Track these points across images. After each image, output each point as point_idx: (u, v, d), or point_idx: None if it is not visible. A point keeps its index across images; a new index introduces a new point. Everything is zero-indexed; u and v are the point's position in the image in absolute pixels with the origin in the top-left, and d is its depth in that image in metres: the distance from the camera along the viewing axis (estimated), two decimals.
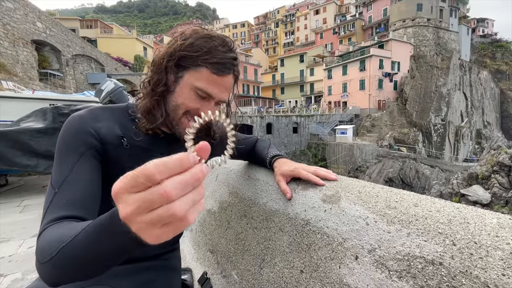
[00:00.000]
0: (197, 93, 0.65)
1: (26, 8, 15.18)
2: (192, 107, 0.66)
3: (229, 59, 0.66)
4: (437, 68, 31.17)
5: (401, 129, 27.69)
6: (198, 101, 0.66)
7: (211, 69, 0.64)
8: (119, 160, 0.67)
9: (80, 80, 20.23)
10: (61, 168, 0.59)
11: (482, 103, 36.21)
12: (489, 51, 44.82)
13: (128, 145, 0.69)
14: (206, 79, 0.65)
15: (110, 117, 0.70)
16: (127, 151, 0.68)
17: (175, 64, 0.65)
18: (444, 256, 0.45)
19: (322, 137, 27.37)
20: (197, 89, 0.65)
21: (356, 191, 0.70)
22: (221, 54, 0.65)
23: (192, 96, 0.66)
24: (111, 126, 0.67)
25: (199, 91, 0.65)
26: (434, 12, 35.32)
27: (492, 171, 13.79)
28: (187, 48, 0.64)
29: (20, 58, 14.30)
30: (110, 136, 0.66)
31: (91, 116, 0.66)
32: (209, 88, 0.65)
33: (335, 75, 35.68)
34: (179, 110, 0.67)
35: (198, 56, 0.63)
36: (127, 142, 0.68)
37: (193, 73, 0.65)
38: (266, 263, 0.86)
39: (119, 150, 0.67)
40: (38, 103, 4.06)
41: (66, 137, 0.63)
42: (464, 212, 0.51)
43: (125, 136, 0.69)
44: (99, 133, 0.64)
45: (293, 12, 63.22)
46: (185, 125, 0.68)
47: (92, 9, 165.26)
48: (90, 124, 0.64)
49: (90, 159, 0.62)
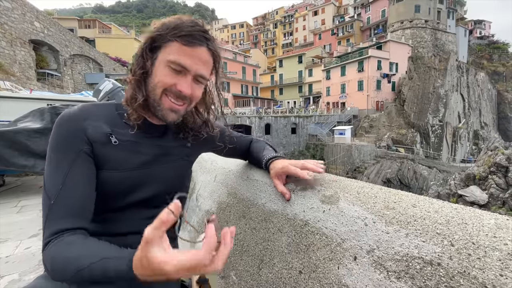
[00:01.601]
0: (171, 68, 0.66)
1: (24, 7, 15.12)
2: (169, 82, 0.67)
3: (198, 31, 0.66)
4: (434, 69, 31.32)
5: (399, 130, 27.78)
6: (174, 75, 0.67)
7: (181, 41, 0.65)
8: (109, 157, 0.68)
9: (78, 80, 20.15)
10: (54, 176, 0.60)
11: (479, 104, 36.42)
12: (486, 53, 45.11)
13: (117, 141, 0.69)
14: (177, 51, 0.65)
15: (99, 114, 0.70)
16: (116, 147, 0.69)
17: (150, 48, 0.67)
18: (442, 257, 0.45)
19: (321, 137, 27.41)
20: (170, 63, 0.66)
21: (355, 192, 0.70)
22: (189, 28, 0.65)
23: (167, 72, 0.66)
24: (99, 124, 0.68)
25: (173, 65, 0.65)
26: (431, 13, 35.52)
27: (489, 172, 13.87)
28: (157, 30, 0.67)
29: (17, 58, 14.22)
30: (97, 134, 0.67)
31: (80, 115, 0.67)
32: (181, 59, 0.65)
33: (334, 76, 35.76)
34: (157, 89, 0.67)
35: (167, 32, 0.65)
36: (115, 138, 0.69)
37: (165, 50, 0.66)
38: (264, 264, 0.86)
39: (108, 147, 0.68)
40: (35, 103, 4.04)
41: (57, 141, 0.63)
42: (462, 212, 0.51)
43: (114, 132, 0.69)
44: (87, 133, 0.65)
45: (291, 13, 63.34)
46: (167, 105, 0.68)
47: (90, 9, 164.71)
48: (79, 124, 0.65)
49: (83, 162, 0.63)
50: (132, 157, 0.71)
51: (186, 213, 1.70)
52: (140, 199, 0.73)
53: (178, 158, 0.80)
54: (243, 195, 1.05)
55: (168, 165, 0.77)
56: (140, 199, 0.73)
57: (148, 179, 0.73)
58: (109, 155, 0.68)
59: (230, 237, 0.44)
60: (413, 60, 33.35)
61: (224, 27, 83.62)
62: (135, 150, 0.72)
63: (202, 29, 0.68)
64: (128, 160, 0.70)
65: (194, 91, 0.70)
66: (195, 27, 0.67)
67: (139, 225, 0.74)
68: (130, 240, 0.73)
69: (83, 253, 0.51)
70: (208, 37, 0.69)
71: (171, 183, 0.79)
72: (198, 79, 0.70)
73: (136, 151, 0.72)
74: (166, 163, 0.77)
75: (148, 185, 0.74)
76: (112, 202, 0.71)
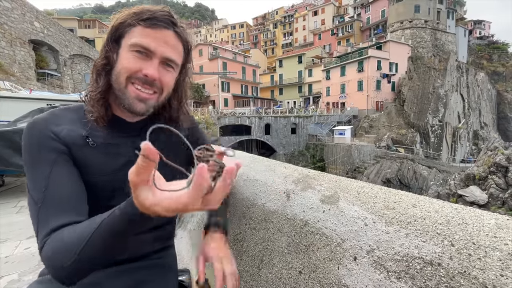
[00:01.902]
0: (134, 52, 0.61)
1: (24, 7, 15.11)
2: (133, 67, 0.62)
3: (161, 13, 0.62)
4: (434, 69, 31.35)
5: (399, 130, 27.80)
6: (138, 60, 0.62)
7: (143, 24, 0.60)
8: (89, 160, 0.65)
9: (78, 80, 20.14)
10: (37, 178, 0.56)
11: (479, 105, 36.45)
12: (486, 53, 45.15)
13: (95, 143, 0.65)
14: (139, 34, 0.61)
15: (71, 118, 0.67)
16: (94, 149, 0.65)
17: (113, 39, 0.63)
18: (443, 257, 0.45)
19: (320, 137, 27.42)
20: (132, 47, 0.61)
21: (355, 192, 0.70)
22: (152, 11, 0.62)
23: (130, 56, 0.62)
24: (72, 127, 0.65)
25: (135, 47, 0.61)
26: (431, 13, 35.56)
27: (489, 172, 13.88)
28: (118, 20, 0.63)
29: (17, 58, 14.21)
30: (72, 137, 0.63)
31: (50, 119, 0.63)
32: (143, 41, 0.60)
33: (333, 76, 35.78)
34: (121, 76, 0.63)
35: (129, 17, 0.61)
36: (92, 140, 0.65)
37: (127, 36, 0.62)
38: (264, 264, 0.86)
39: (86, 150, 0.64)
40: (35, 103, 4.04)
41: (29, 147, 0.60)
42: (463, 212, 0.51)
43: (90, 135, 0.66)
44: (60, 136, 0.62)
45: (291, 13, 63.40)
46: (133, 93, 0.64)
47: (90, 9, 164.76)
48: (50, 129, 0.62)
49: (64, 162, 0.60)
50: (112, 160, 0.68)
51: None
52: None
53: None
54: (243, 195, 1.05)
55: None
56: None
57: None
58: (89, 159, 0.65)
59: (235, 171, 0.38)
60: (413, 60, 33.37)
61: (224, 27, 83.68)
62: (114, 152, 0.68)
63: (168, 13, 0.63)
64: (108, 162, 0.67)
65: (163, 76, 0.65)
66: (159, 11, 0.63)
67: None
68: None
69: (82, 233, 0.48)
70: (175, 21, 0.64)
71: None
72: (167, 63, 0.65)
73: (115, 153, 0.69)
74: None
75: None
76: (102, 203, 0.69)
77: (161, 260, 0.83)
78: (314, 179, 0.83)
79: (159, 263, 0.82)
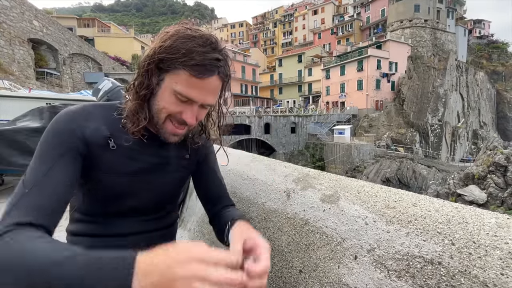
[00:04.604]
0: (177, 98, 0.62)
1: (23, 6, 15.07)
2: (174, 111, 0.64)
3: (210, 59, 0.60)
4: (434, 68, 31.35)
5: (399, 129, 27.81)
6: (179, 104, 0.63)
7: (190, 71, 0.59)
8: (105, 160, 0.66)
9: (77, 79, 20.10)
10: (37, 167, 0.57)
11: (479, 104, 36.47)
12: (485, 52, 45.17)
13: (115, 146, 0.67)
14: (185, 82, 0.60)
15: (100, 116, 0.68)
16: (113, 152, 0.67)
17: (156, 66, 0.62)
18: (443, 256, 0.45)
19: (320, 137, 27.41)
20: (176, 93, 0.61)
21: (355, 191, 0.70)
22: (201, 56, 0.59)
23: (173, 100, 0.63)
24: (98, 126, 0.66)
25: (179, 95, 0.61)
26: (431, 13, 35.52)
27: (488, 171, 13.91)
28: (166, 50, 0.60)
29: (16, 56, 14.18)
30: (95, 136, 0.65)
31: (81, 114, 0.65)
32: (189, 92, 0.61)
33: (333, 75, 35.74)
34: (162, 113, 0.65)
35: (176, 58, 0.59)
36: (113, 143, 0.67)
37: (172, 76, 0.61)
38: None
39: (105, 151, 0.66)
40: (34, 102, 4.02)
41: (51, 135, 0.61)
42: (463, 212, 0.51)
43: (112, 136, 0.67)
44: (85, 133, 0.63)
45: (291, 12, 63.24)
46: (170, 129, 0.67)
47: (89, 7, 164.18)
48: (78, 123, 0.63)
49: (71, 160, 0.60)
50: (128, 163, 0.70)
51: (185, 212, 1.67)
52: (137, 205, 0.74)
53: (176, 169, 0.79)
54: (243, 194, 1.05)
55: (165, 175, 0.76)
56: (137, 205, 0.74)
57: (144, 186, 0.73)
58: (105, 158, 0.66)
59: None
60: (413, 59, 33.35)
61: (224, 26, 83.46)
62: (132, 157, 0.70)
63: (216, 57, 0.61)
64: (124, 165, 0.69)
65: (198, 117, 0.68)
66: (208, 54, 0.60)
67: (139, 226, 0.75)
68: (130, 240, 0.73)
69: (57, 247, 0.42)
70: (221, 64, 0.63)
71: (168, 192, 0.80)
72: (204, 106, 0.67)
73: (134, 158, 0.71)
74: (164, 173, 0.76)
75: (144, 192, 0.73)
76: (110, 204, 0.71)
77: None
78: (314, 178, 0.83)
79: None
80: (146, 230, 0.77)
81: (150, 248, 0.39)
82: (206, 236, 1.30)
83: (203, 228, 1.35)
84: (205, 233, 1.33)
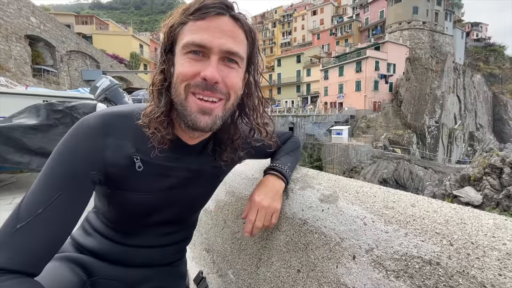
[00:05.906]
0: (189, 54, 0.52)
1: (20, 2, 14.92)
2: (189, 72, 0.52)
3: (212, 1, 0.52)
4: (431, 70, 31.55)
5: (396, 131, 27.95)
6: (194, 63, 0.52)
7: (193, 18, 0.51)
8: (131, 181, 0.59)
9: (75, 76, 19.97)
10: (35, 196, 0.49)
11: (475, 106, 36.76)
12: (482, 55, 45.57)
13: (142, 166, 0.58)
14: (190, 30, 0.52)
15: (122, 128, 0.57)
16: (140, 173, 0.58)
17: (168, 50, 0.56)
18: (441, 256, 0.46)
19: (318, 137, 27.47)
20: (185, 48, 0.52)
21: (354, 191, 0.70)
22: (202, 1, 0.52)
23: (185, 60, 0.53)
24: (121, 142, 0.57)
25: (189, 48, 0.52)
26: (429, 15, 35.73)
27: (484, 173, 14.03)
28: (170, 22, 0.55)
29: (13, 53, 14.05)
30: (118, 157, 0.56)
31: (100, 130, 0.55)
32: (195, 37, 0.51)
33: (332, 76, 35.83)
34: (179, 87, 0.54)
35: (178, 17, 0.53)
36: (140, 162, 0.58)
37: (179, 38, 0.53)
38: (262, 263, 0.86)
39: (130, 171, 0.58)
40: (31, 99, 3.99)
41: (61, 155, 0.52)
42: (461, 212, 0.52)
43: (139, 151, 0.58)
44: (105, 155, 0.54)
45: (290, 12, 63.29)
46: (195, 106, 0.54)
47: (87, 5, 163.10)
48: (98, 142, 0.54)
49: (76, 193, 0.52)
50: (158, 181, 0.63)
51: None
52: (161, 220, 0.70)
53: (208, 180, 0.73)
54: (241, 193, 1.05)
55: (196, 187, 0.70)
56: (162, 220, 0.70)
57: (172, 201, 0.67)
58: (132, 179, 0.59)
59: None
60: (411, 61, 33.53)
61: None
62: (163, 174, 0.63)
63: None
64: (153, 184, 0.62)
65: (225, 75, 0.54)
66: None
67: (154, 240, 0.72)
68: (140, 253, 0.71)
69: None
70: (229, 4, 0.53)
71: (197, 203, 0.78)
72: (229, 58, 0.54)
73: (164, 175, 0.63)
74: (195, 185, 0.69)
75: (172, 206, 0.68)
76: (133, 220, 0.67)
77: (177, 268, 0.83)
78: (313, 178, 0.84)
79: (172, 272, 0.81)
80: (159, 244, 0.74)
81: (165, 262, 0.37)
82: (204, 235, 1.30)
83: (201, 227, 1.35)
84: (202, 232, 1.32)
